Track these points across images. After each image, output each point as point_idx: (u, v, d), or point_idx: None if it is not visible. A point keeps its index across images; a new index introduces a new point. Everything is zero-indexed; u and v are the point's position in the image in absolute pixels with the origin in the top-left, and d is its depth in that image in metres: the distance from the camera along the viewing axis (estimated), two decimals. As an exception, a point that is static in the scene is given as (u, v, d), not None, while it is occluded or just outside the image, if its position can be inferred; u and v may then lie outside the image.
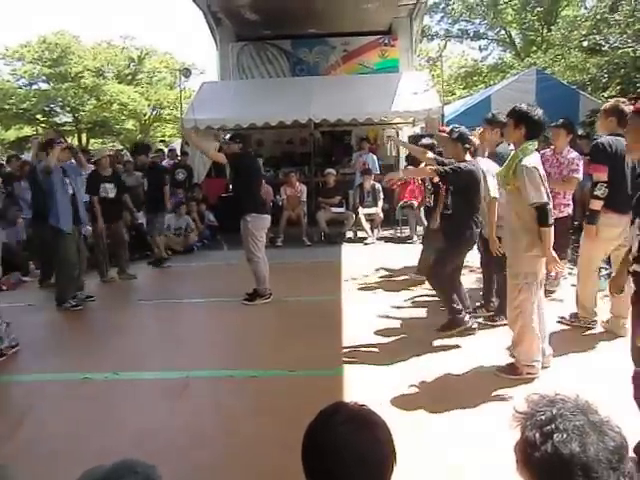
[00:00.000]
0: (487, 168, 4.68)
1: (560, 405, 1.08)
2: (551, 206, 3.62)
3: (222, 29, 13.43)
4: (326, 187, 10.30)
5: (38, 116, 28.58)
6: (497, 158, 4.76)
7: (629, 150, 2.92)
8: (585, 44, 13.40)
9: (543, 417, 1.06)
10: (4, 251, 6.55)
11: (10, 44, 28.92)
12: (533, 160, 3.59)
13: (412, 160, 7.22)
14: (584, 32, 13.40)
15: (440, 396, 3.58)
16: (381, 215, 9.77)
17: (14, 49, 28.59)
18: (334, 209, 9.96)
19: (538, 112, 3.64)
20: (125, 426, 3.41)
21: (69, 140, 29.77)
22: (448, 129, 4.77)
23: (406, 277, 6.88)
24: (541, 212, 3.52)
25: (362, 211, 9.63)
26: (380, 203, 9.84)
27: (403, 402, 3.51)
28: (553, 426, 1.04)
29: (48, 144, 6.28)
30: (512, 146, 3.91)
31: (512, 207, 3.72)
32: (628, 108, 4.26)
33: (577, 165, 5.34)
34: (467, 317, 4.72)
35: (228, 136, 12.66)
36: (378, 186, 9.95)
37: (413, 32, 13.57)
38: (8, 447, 3.17)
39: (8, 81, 28.48)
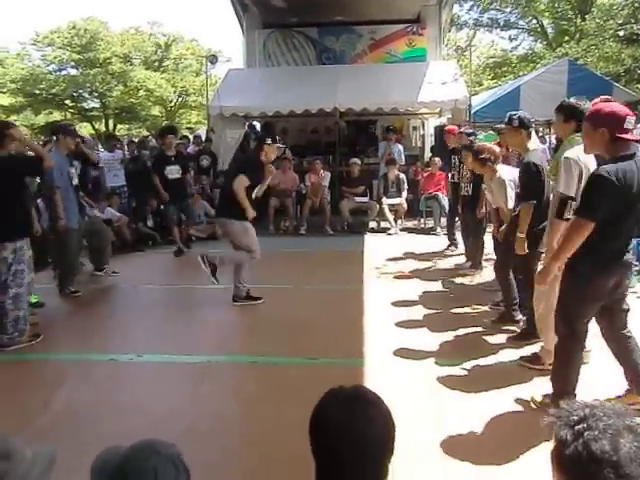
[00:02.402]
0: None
1: (594, 407, 1.08)
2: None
3: (249, 16, 13.39)
4: (350, 177, 10.24)
5: (67, 101, 29.06)
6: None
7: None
8: (621, 34, 13.04)
9: (576, 417, 1.07)
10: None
11: (40, 30, 29.37)
12: (577, 151, 3.50)
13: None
14: (620, 21, 13.07)
15: (461, 386, 3.56)
16: (405, 206, 9.69)
17: (44, 35, 29.02)
18: (358, 199, 9.91)
19: (587, 105, 3.56)
20: (146, 408, 3.46)
21: (96, 125, 30.19)
22: (506, 119, 4.58)
23: (430, 266, 6.83)
24: (561, 204, 3.42)
25: (386, 201, 9.57)
26: (404, 194, 9.76)
27: (424, 393, 3.50)
28: (585, 425, 1.04)
29: (59, 130, 6.06)
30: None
31: (554, 198, 3.67)
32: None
33: None
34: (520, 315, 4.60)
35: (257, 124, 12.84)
36: (402, 176, 9.87)
37: (442, 21, 13.36)
38: (36, 423, 3.25)
39: (38, 66, 28.95)
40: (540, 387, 3.45)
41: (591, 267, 2.91)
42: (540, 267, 3.66)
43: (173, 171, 7.90)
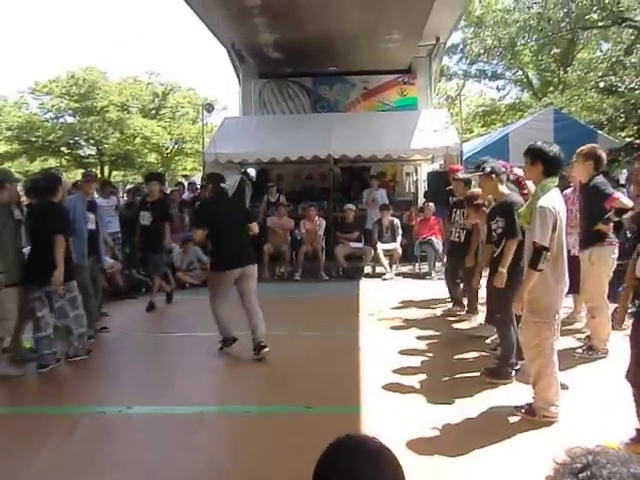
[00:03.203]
0: None
1: (597, 453, 1.04)
2: (558, 251, 3.56)
3: (245, 66, 13.75)
4: (345, 222, 10.32)
5: (63, 148, 29.24)
6: None
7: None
8: (601, 85, 13.52)
9: (579, 465, 1.02)
10: None
11: (40, 79, 29.83)
12: (550, 199, 3.54)
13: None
14: (600, 74, 13.55)
15: (457, 436, 3.51)
16: (399, 251, 9.73)
17: (43, 84, 29.46)
18: (352, 244, 9.96)
19: (554, 149, 3.62)
20: (138, 462, 3.35)
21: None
22: (480, 166, 4.77)
23: (425, 312, 6.82)
24: (536, 254, 3.46)
25: (380, 246, 9.61)
26: (399, 239, 9.83)
27: (421, 442, 3.44)
28: (589, 472, 0.99)
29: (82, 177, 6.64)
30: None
31: (527, 248, 3.68)
32: (602, 153, 4.88)
33: None
34: (513, 372, 4.47)
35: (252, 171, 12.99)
36: (397, 222, 9.96)
37: (432, 71, 13.77)
38: (24, 476, 3.16)
39: (35, 114, 29.28)
40: (535, 438, 3.42)
41: None
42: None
43: (144, 217, 7.61)
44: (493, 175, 4.56)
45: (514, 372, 4.47)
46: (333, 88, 13.81)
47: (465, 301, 6.77)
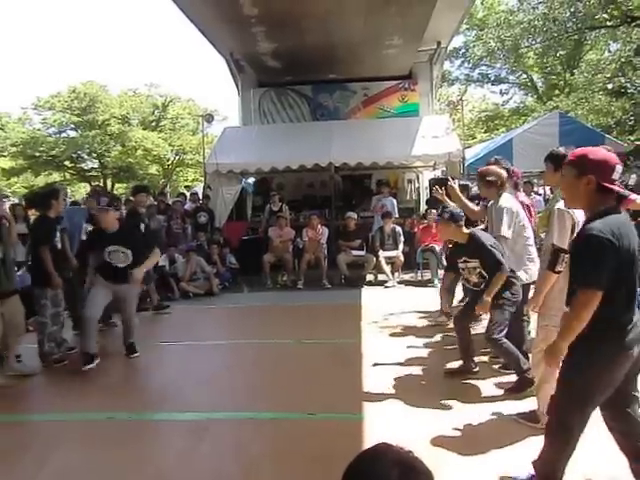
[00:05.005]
0: None
1: None
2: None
3: (244, 76, 13.71)
4: (347, 230, 10.21)
5: (66, 162, 29.45)
6: None
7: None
8: (610, 87, 13.38)
9: None
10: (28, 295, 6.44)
11: (42, 94, 30.12)
12: None
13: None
14: (608, 75, 13.41)
15: (460, 443, 3.43)
16: (402, 258, 9.60)
17: (45, 99, 29.75)
18: (354, 252, 9.83)
19: None
20: (145, 467, 3.36)
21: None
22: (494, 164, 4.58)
23: (428, 320, 6.70)
24: (554, 256, 3.39)
25: (382, 254, 9.49)
26: (401, 246, 9.70)
27: (424, 449, 3.29)
28: None
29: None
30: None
31: (546, 250, 3.61)
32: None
33: None
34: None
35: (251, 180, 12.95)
36: (399, 229, 9.84)
37: (433, 77, 13.70)
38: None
39: (39, 130, 29.52)
40: (538, 446, 3.21)
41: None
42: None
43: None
44: (451, 223, 4.51)
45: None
46: (333, 96, 13.76)
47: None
